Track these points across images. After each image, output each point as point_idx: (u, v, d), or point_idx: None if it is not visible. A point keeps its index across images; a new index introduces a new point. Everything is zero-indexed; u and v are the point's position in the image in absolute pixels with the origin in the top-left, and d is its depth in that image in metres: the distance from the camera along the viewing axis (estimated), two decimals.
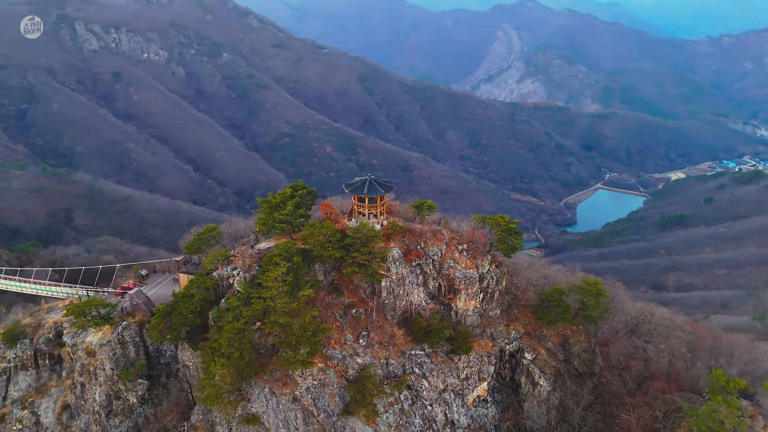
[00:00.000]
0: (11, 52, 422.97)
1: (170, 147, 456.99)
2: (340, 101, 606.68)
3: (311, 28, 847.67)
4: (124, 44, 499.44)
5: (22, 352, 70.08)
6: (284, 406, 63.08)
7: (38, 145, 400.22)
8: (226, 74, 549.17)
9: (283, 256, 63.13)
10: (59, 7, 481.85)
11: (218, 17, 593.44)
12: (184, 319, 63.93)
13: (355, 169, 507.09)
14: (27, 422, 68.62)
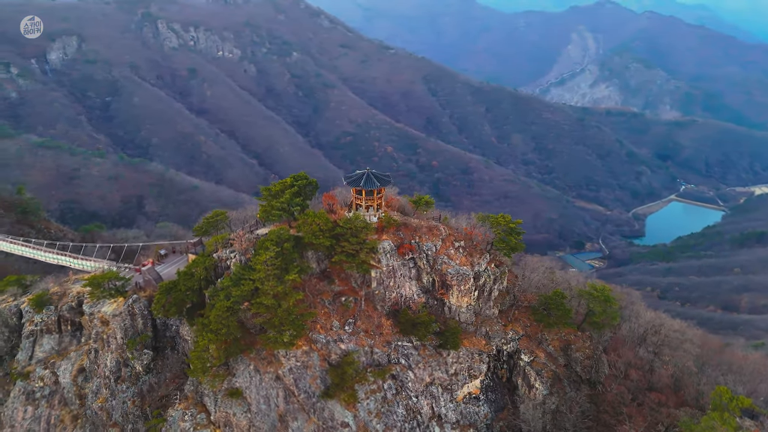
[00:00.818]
0: (99, 48, 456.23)
1: (238, 141, 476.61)
2: (404, 101, 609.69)
3: (381, 28, 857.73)
4: (201, 42, 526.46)
5: (48, 318, 77.70)
6: (267, 383, 66.37)
7: (119, 136, 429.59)
8: (294, 73, 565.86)
9: (274, 242, 66.39)
10: (145, 5, 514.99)
11: (290, 17, 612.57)
12: (183, 295, 68.67)
13: (415, 170, 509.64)
14: (47, 381, 76.08)
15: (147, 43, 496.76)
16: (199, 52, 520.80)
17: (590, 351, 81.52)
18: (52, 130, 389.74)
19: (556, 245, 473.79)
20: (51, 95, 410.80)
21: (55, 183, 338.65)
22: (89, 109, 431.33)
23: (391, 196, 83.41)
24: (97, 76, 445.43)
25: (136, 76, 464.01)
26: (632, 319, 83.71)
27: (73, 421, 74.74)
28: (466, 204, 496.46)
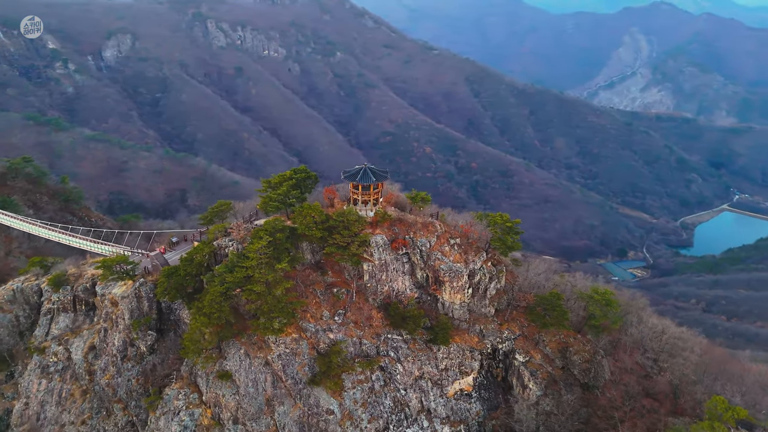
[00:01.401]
0: (151, 46, 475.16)
1: (280, 139, 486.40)
2: (446, 102, 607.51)
3: (426, 29, 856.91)
4: (248, 41, 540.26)
5: (64, 297, 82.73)
6: (256, 368, 68.76)
7: (166, 131, 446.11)
8: (337, 72, 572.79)
9: (267, 232, 68.78)
10: (196, 5, 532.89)
11: (335, 17, 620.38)
12: (182, 279, 71.99)
13: (453, 171, 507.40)
14: (61, 356, 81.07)
15: (196, 42, 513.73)
16: (245, 51, 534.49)
17: (589, 355, 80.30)
18: (104, 124, 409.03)
19: (597, 252, 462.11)
20: (105, 91, 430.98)
21: (105, 175, 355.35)
22: (140, 104, 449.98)
23: (391, 192, 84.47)
24: (148, 73, 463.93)
25: (184, 74, 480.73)
26: (634, 324, 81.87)
27: (82, 395, 79.42)
28: (505, 207, 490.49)
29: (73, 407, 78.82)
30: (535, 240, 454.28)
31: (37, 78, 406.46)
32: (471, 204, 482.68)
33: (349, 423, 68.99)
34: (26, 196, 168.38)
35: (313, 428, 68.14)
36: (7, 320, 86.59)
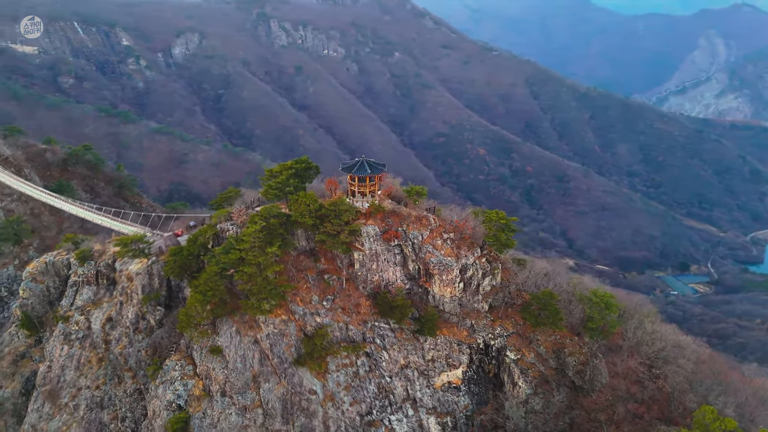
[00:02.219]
0: (217, 44, 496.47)
1: (334, 137, 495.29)
2: (503, 104, 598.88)
3: (488, 30, 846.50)
4: (308, 41, 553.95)
5: (88, 271, 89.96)
6: (245, 345, 72.59)
7: (227, 126, 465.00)
8: (395, 72, 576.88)
9: (262, 217, 72.46)
10: (260, 5, 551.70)
11: (396, 18, 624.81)
12: (185, 259, 77.00)
13: (507, 174, 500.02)
14: (82, 326, 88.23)
15: (259, 41, 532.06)
16: (306, 50, 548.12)
17: (585, 357, 79.11)
18: (169, 118, 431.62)
19: (656, 265, 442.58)
20: (172, 86, 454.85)
21: (167, 165, 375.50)
22: (203, 100, 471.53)
23: (391, 185, 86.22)
24: (213, 70, 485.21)
25: (247, 72, 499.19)
26: (632, 329, 79.78)
27: (98, 362, 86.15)
28: (559, 213, 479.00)
29: (90, 373, 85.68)
30: (590, 248, 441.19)
31: (111, 73, 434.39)
32: (524, 209, 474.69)
33: (330, 404, 71.63)
34: (84, 182, 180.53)
35: (295, 406, 71.23)
36: (39, 290, 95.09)
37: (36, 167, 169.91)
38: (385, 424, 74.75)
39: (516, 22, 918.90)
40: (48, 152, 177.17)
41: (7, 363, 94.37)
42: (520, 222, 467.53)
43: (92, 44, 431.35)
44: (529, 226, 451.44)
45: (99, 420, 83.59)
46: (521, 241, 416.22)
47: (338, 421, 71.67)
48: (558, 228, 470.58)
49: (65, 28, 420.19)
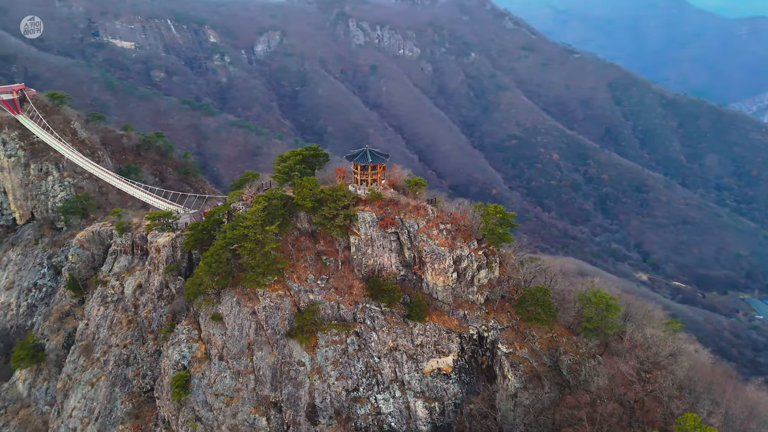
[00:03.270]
0: (297, 43, 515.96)
1: (403, 136, 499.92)
2: (582, 109, 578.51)
3: (574, 31, 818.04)
4: (385, 40, 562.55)
5: (125, 241, 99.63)
6: (243, 315, 78.10)
7: (301, 122, 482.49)
8: (469, 73, 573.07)
9: (265, 198, 77.68)
10: (340, 5, 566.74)
11: (474, 18, 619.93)
12: (200, 233, 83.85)
13: (580, 181, 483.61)
14: (117, 290, 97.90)
15: (337, 40, 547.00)
16: (382, 49, 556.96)
17: (581, 357, 78.05)
18: (248, 112, 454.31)
19: (741, 285, 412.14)
20: (252, 82, 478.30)
21: (241, 157, 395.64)
22: (281, 96, 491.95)
23: (396, 175, 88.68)
24: (291, 67, 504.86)
25: (323, 70, 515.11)
26: (630, 333, 77.43)
27: (128, 324, 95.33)
28: (635, 224, 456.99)
29: (120, 332, 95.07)
30: (667, 263, 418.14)
31: (198, 68, 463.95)
32: (596, 217, 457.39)
33: (317, 377, 75.63)
34: (154, 166, 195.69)
35: (284, 375, 75.88)
36: (85, 256, 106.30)
37: (113, 151, 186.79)
38: (372, 402, 77.72)
39: (605, 23, 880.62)
40: (124, 138, 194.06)
41: (54, 319, 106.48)
42: (591, 231, 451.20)
43: (182, 41, 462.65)
44: (600, 236, 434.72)
45: (124, 375, 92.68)
46: (590, 251, 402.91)
47: (324, 393, 75.53)
48: (632, 240, 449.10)
49: (159, 25, 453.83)
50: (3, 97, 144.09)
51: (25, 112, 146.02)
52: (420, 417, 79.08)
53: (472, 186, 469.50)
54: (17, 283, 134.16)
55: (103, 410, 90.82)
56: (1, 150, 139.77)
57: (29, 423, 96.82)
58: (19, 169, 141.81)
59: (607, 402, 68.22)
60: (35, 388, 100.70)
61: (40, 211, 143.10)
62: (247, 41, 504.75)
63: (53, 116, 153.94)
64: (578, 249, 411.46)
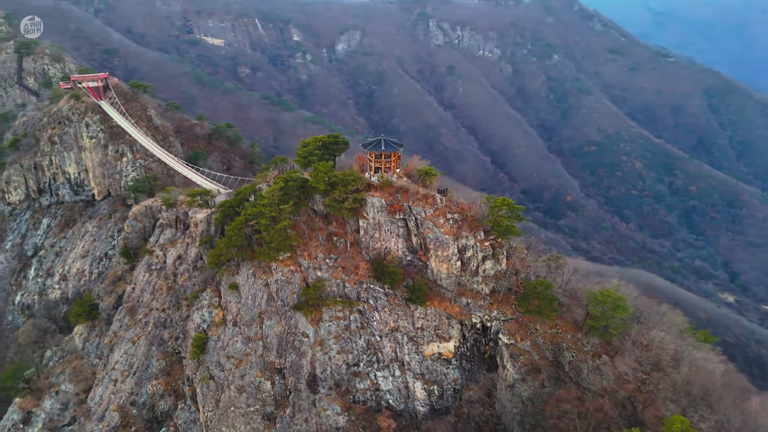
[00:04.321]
0: (376, 42, 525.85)
1: (477, 138, 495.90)
2: (672, 116, 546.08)
3: (671, 34, 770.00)
4: (464, 41, 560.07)
5: (170, 216, 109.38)
6: (257, 286, 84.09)
7: (374, 120, 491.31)
8: (551, 76, 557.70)
9: (283, 180, 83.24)
10: (422, 5, 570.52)
11: (560, 19, 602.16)
12: (228, 210, 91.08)
13: (665, 192, 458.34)
14: (160, 260, 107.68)
15: (416, 40, 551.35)
16: (461, 50, 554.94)
17: (584, 355, 77.20)
18: (325, 109, 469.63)
19: None
20: (330, 80, 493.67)
21: None
22: (357, 94, 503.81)
23: (412, 165, 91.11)
24: (369, 66, 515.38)
25: (400, 69, 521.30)
26: (635, 334, 75.34)
27: (167, 290, 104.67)
28: (724, 241, 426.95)
29: (160, 297, 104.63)
30: (758, 285, 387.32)
31: (281, 65, 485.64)
32: (680, 232, 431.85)
33: (319, 348, 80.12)
34: (223, 155, 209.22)
35: (289, 345, 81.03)
36: (138, 228, 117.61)
37: (186, 138, 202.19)
38: (371, 378, 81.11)
39: (706, 26, 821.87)
40: (197, 127, 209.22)
41: (108, 282, 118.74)
42: (673, 246, 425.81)
43: (268, 39, 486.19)
44: (683, 252, 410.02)
45: (161, 336, 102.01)
46: (669, 267, 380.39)
47: (324, 364, 79.88)
48: (719, 258, 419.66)
49: (248, 24, 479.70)
50: (89, 84, 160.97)
51: (107, 98, 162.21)
52: (418, 398, 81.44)
53: (545, 191, 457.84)
54: (91, 252, 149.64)
55: (140, 366, 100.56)
56: (85, 132, 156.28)
57: (81, 372, 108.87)
58: (99, 150, 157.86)
59: (597, 398, 67.47)
60: (88, 342, 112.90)
61: (114, 189, 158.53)
62: (329, 40, 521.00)
63: (132, 103, 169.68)
64: (656, 264, 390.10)
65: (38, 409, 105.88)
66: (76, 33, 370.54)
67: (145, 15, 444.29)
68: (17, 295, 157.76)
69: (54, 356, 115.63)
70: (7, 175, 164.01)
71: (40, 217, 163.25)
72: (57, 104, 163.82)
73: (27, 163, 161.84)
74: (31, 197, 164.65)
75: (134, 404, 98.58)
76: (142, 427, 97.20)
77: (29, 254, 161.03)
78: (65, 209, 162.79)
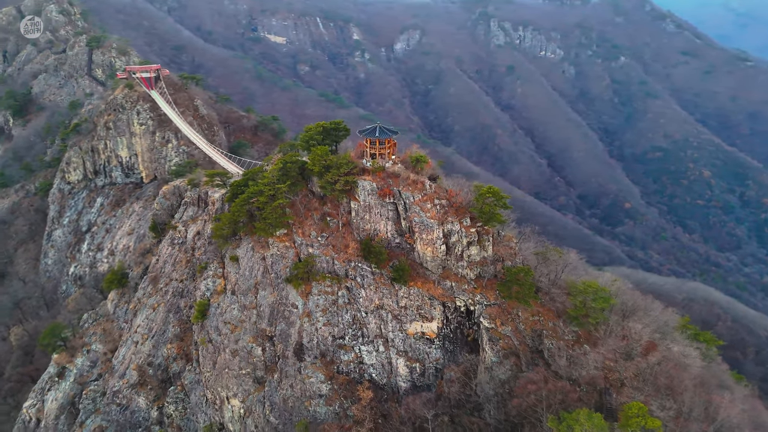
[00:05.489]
0: (435, 42, 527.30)
1: (533, 140, 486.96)
2: (749, 123, 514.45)
3: (754, 37, 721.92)
4: (526, 41, 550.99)
5: (193, 195, 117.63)
6: (254, 259, 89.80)
7: (429, 120, 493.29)
8: (616, 78, 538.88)
9: (282, 162, 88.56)
10: (483, 5, 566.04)
11: (629, 20, 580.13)
12: (236, 189, 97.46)
13: (735, 203, 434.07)
14: (182, 234, 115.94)
15: (476, 40, 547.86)
16: (522, 50, 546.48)
17: (563, 342, 77.66)
18: (380, 107, 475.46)
19: None
20: (387, 79, 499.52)
21: None
22: (413, 93, 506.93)
23: (408, 152, 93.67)
24: (427, 66, 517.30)
25: (458, 69, 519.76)
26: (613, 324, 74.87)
27: (186, 263, 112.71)
28: None
29: (179, 269, 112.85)
30: None
31: (339, 63, 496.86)
32: (750, 246, 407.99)
33: (306, 319, 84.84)
34: (267, 146, 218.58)
35: (279, 314, 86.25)
36: (166, 205, 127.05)
37: (234, 129, 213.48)
38: (356, 351, 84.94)
39: None
40: (244, 119, 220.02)
41: (137, 254, 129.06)
42: (740, 260, 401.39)
43: (328, 37, 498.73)
44: (751, 267, 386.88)
45: (177, 304, 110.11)
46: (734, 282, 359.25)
47: (311, 335, 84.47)
48: None
49: (309, 22, 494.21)
50: (142, 75, 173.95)
51: (158, 88, 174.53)
52: (401, 374, 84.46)
53: (602, 197, 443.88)
54: (135, 230, 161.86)
55: (158, 330, 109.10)
56: (136, 119, 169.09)
57: (110, 334, 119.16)
58: (148, 136, 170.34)
59: (558, 380, 68.19)
60: (118, 307, 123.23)
61: (159, 173, 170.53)
62: (388, 39, 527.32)
63: (180, 93, 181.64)
64: (720, 278, 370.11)
65: (71, 365, 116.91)
66: (149, 30, 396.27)
67: (213, 13, 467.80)
68: (71, 267, 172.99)
69: (89, 319, 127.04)
70: (68, 156, 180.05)
71: (94, 197, 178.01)
72: (113, 93, 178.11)
73: (85, 146, 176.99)
74: (88, 177, 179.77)
75: (151, 365, 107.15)
76: (156, 386, 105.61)
77: (83, 230, 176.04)
78: (117, 190, 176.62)
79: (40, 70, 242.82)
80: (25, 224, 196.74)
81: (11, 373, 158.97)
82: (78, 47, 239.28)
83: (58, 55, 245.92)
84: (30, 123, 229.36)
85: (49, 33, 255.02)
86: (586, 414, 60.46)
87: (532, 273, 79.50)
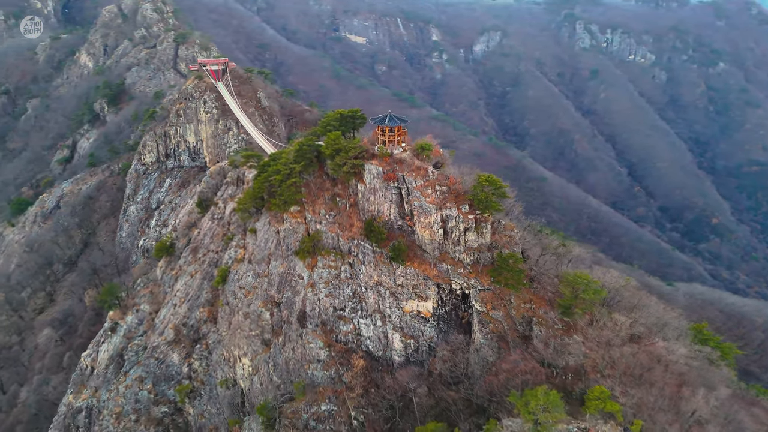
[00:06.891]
0: (516, 43, 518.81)
1: (614, 147, 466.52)
2: None
3: None
4: (614, 45, 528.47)
5: (233, 175, 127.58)
6: (270, 232, 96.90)
7: (504, 122, 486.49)
8: (712, 85, 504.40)
9: (298, 144, 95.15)
10: (570, 6, 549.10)
11: (732, 23, 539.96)
12: (260, 168, 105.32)
13: None
14: (220, 210, 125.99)
15: (560, 42, 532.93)
16: (608, 54, 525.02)
17: (553, 331, 78.22)
18: (454, 108, 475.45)
19: None
20: (464, 80, 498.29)
21: None
22: (489, 95, 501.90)
23: (419, 140, 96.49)
24: (506, 68, 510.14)
25: (538, 71, 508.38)
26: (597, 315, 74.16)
27: (222, 236, 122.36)
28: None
29: (216, 241, 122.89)
30: None
31: (417, 64, 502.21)
32: None
33: (310, 290, 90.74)
34: None
35: (287, 283, 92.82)
36: (212, 184, 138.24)
37: (297, 122, 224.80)
38: (354, 323, 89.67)
39: None
40: (307, 112, 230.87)
41: (183, 227, 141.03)
42: None
43: (407, 38, 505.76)
44: None
45: (211, 273, 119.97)
46: None
47: (314, 304, 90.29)
48: None
49: (389, 23, 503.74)
50: (211, 67, 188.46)
51: (224, 80, 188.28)
52: (396, 348, 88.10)
53: (686, 211, 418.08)
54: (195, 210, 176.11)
55: (194, 295, 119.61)
56: (203, 108, 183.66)
57: (156, 296, 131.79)
58: (212, 124, 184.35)
59: (528, 361, 69.26)
60: (165, 274, 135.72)
61: (221, 158, 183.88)
62: (467, 40, 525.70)
63: (245, 86, 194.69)
64: None
65: (122, 322, 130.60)
66: (237, 28, 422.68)
67: (298, 13, 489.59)
68: (141, 240, 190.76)
69: (141, 282, 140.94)
70: (144, 140, 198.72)
71: (164, 178, 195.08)
72: (186, 83, 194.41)
73: (159, 131, 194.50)
74: (160, 160, 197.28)
75: (185, 325, 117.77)
76: (188, 345, 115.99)
77: (153, 207, 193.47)
78: (183, 172, 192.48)
79: (134, 63, 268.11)
80: (108, 200, 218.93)
81: (83, 330, 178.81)
82: (166, 43, 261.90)
83: (150, 49, 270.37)
84: (121, 111, 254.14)
85: (143, 29, 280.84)
86: (543, 390, 61.78)
87: (521, 260, 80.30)
